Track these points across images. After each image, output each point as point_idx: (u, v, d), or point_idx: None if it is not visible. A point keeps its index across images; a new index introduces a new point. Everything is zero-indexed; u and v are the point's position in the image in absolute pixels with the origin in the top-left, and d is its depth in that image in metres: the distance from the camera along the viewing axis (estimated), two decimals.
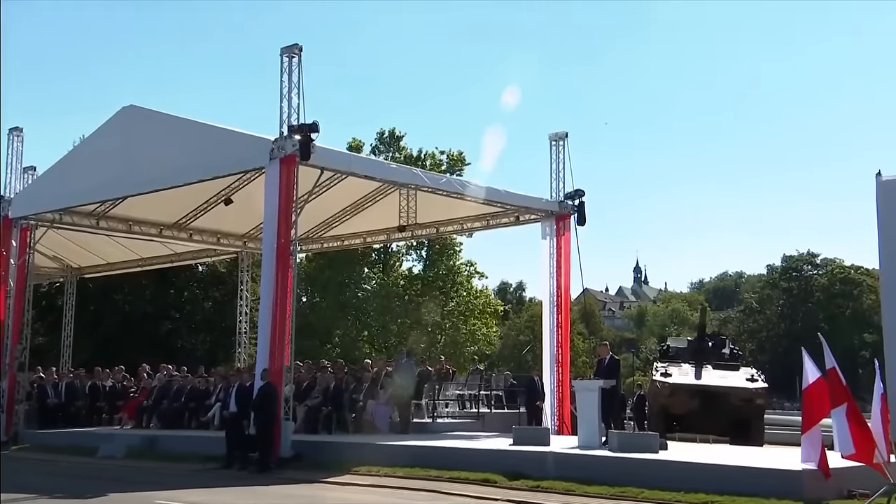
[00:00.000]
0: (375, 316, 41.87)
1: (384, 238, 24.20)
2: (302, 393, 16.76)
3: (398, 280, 42.70)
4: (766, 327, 71.90)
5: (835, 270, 70.66)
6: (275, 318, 14.52)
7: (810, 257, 73.46)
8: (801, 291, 71.74)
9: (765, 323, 72.53)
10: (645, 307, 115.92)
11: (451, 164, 41.68)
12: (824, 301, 68.62)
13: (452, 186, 18.08)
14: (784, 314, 72.52)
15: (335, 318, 41.43)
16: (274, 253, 14.76)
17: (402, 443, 14.11)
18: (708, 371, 20.29)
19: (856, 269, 70.40)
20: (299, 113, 14.88)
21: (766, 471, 10.33)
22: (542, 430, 14.84)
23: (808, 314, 70.06)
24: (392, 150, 42.19)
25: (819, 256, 73.43)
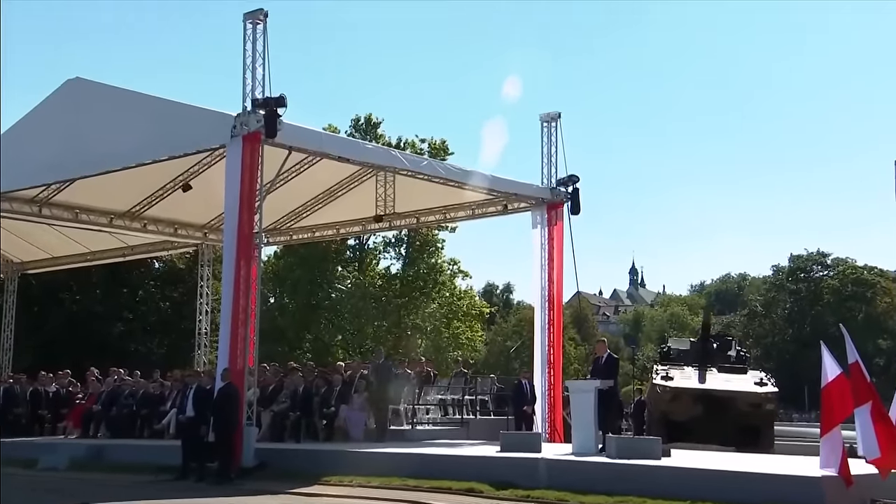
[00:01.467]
0: (350, 319, 41.70)
1: (359, 229, 24.01)
2: (268, 397, 16.56)
3: (375, 280, 42.55)
4: (771, 332, 72.22)
5: (846, 271, 71.05)
6: (237, 314, 14.25)
7: (820, 257, 73.82)
8: (809, 294, 72.12)
9: (770, 327, 72.86)
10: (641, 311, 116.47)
11: (433, 154, 41.47)
12: (835, 304, 68.97)
13: (434, 170, 17.82)
14: (791, 318, 72.86)
15: (306, 320, 41.28)
16: (236, 243, 14.46)
17: (377, 450, 13.92)
18: (713, 374, 20.29)
19: (869, 269, 70.87)
20: (264, 86, 14.56)
21: (782, 478, 10.10)
22: (532, 435, 14.76)
23: (817, 318, 70.37)
24: (368, 138, 41.89)
25: (830, 256, 73.87)
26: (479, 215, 21.04)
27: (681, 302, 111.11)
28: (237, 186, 14.52)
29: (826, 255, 73.92)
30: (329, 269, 41.87)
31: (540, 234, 19.60)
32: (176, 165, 18.46)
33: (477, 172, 18.47)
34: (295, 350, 38.93)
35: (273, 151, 15.32)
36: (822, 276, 73.39)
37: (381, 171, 19.24)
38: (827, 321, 69.09)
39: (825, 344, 10.34)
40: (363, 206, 21.33)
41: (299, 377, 17.27)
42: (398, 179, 19.98)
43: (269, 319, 40.40)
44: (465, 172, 18.23)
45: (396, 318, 41.24)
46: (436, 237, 42.66)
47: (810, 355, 68.71)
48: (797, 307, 72.57)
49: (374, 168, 18.97)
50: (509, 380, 21.48)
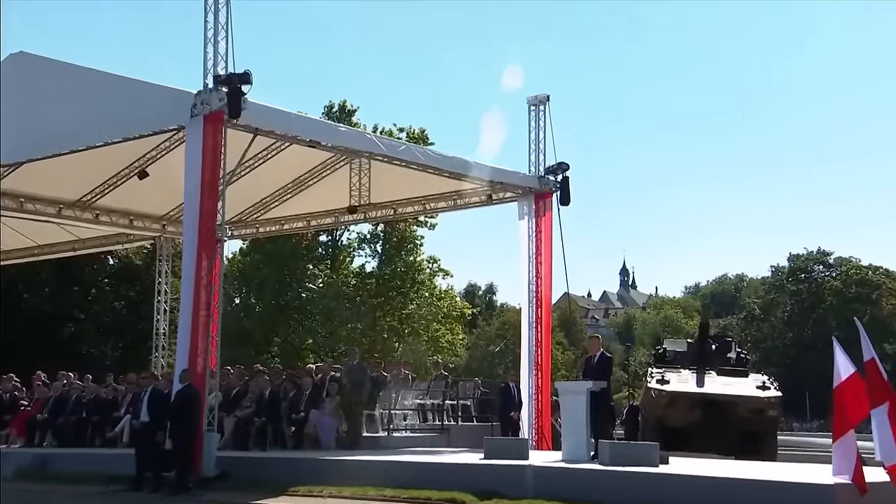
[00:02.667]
0: (322, 321, 41.59)
1: (332, 221, 23.85)
2: (231, 401, 16.46)
3: (348, 279, 42.47)
4: (770, 336, 72.54)
5: (850, 271, 71.45)
6: (197, 311, 14.06)
7: (821, 256, 74.24)
8: (810, 295, 72.50)
9: (769, 331, 73.19)
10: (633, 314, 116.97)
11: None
12: (837, 306, 69.28)
13: (413, 156, 17.67)
14: (791, 321, 73.21)
15: (274, 322, 41.11)
16: (196, 234, 14.25)
17: (350, 457, 13.76)
18: (711, 377, 20.16)
19: (874, 269, 71.29)
20: (227, 61, 14.28)
21: (790, 485, 9.93)
22: (519, 440, 14.54)
23: (819, 321, 70.68)
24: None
25: (832, 255, 74.27)
26: (462, 206, 20.94)
27: (674, 304, 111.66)
28: (198, 172, 14.29)
29: (827, 253, 74.36)
30: (299, 267, 41.70)
31: (527, 226, 19.52)
32: (131, 150, 18.15)
33: (459, 158, 18.33)
34: (262, 354, 38.67)
35: (237, 137, 15.12)
36: (824, 277, 73.80)
37: (356, 157, 19.05)
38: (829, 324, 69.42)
39: (837, 340, 10.15)
40: (336, 197, 21.18)
41: (265, 380, 17.11)
42: (374, 167, 19.80)
43: (234, 321, 40.13)
44: (446, 158, 18.10)
45: (371, 319, 41.14)
46: (414, 233, 42.59)
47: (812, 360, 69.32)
48: (798, 309, 72.91)
49: (348, 154, 18.79)
50: (494, 384, 21.33)
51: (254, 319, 41.48)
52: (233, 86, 14.01)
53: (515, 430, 17.36)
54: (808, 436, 50.74)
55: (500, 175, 18.99)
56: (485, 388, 20.77)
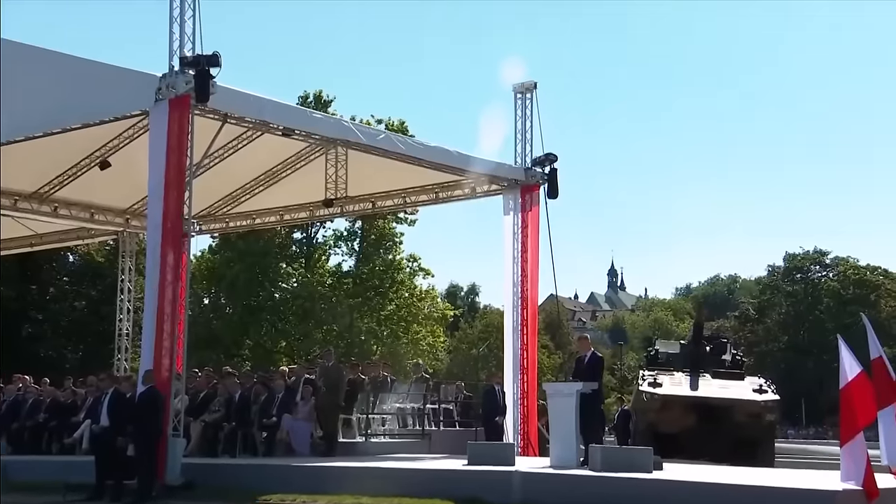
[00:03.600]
0: (296, 322, 41.56)
1: (306, 215, 23.67)
2: (198, 405, 16.29)
3: (324, 278, 42.44)
4: (765, 339, 72.99)
5: (848, 271, 72.03)
6: (162, 309, 13.87)
7: (818, 256, 74.80)
8: (806, 296, 72.95)
9: (764, 334, 73.63)
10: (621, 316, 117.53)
11: None
12: (835, 308, 69.83)
13: (392, 145, 17.52)
14: (786, 323, 73.70)
15: (245, 324, 41.06)
16: (161, 228, 14.07)
17: (326, 464, 13.73)
18: (706, 380, 20.34)
19: (872, 269, 71.85)
20: (195, 42, 14.07)
21: (795, 492, 9.89)
22: (504, 445, 14.43)
23: (816, 323, 71.24)
24: None
25: (829, 255, 74.81)
26: (444, 199, 20.84)
27: (665, 306, 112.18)
28: (162, 160, 14.09)
29: (824, 253, 74.96)
30: (272, 265, 41.62)
31: (512, 221, 19.43)
32: (91, 138, 17.93)
33: (441, 148, 18.22)
34: (232, 357, 38.63)
35: (205, 125, 14.96)
36: (821, 277, 74.25)
37: (332, 146, 18.89)
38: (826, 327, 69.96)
39: (842, 338, 10.09)
40: (311, 190, 21.09)
41: (235, 383, 16.89)
42: (351, 158, 19.69)
43: (203, 323, 40.07)
44: (427, 148, 18.04)
45: (348, 321, 41.10)
46: (393, 230, 42.51)
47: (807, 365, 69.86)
48: (793, 311, 73.41)
49: (324, 143, 18.64)
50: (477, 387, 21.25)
51: (224, 321, 41.46)
52: (200, 68, 13.79)
53: (500, 436, 17.22)
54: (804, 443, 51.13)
55: (484, 166, 18.85)
56: (468, 392, 20.70)
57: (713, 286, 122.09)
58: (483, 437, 16.93)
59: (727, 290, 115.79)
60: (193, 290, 37.85)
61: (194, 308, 38.22)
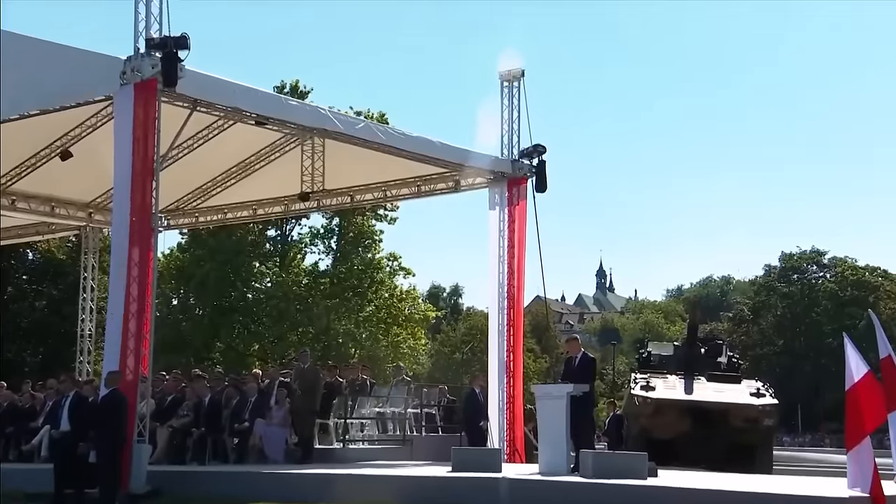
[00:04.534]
0: (269, 324, 41.33)
1: (281, 210, 23.54)
2: (165, 410, 16.30)
3: (299, 277, 42.21)
4: (760, 342, 73.32)
5: (846, 272, 72.43)
6: (128, 309, 13.78)
7: (815, 256, 75.17)
8: (803, 297, 73.27)
9: (759, 337, 73.95)
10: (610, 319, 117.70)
11: None
12: (832, 310, 70.16)
13: (372, 134, 17.40)
14: (782, 326, 74.01)
15: (216, 326, 40.78)
16: (128, 221, 13.93)
17: (301, 471, 13.65)
18: (701, 384, 20.34)
19: (871, 270, 72.26)
20: (161, 23, 13.96)
21: (798, 499, 9.86)
22: (491, 451, 14.46)
23: (813, 326, 71.48)
24: None
25: (826, 255, 75.22)
26: (427, 193, 20.77)
27: (655, 308, 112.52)
28: (128, 149, 13.97)
29: (822, 253, 75.40)
30: (244, 264, 41.32)
31: (498, 217, 19.40)
32: (51, 126, 17.78)
33: (423, 138, 18.12)
34: (202, 361, 38.25)
35: (173, 113, 14.84)
36: (818, 278, 74.61)
37: (308, 135, 18.81)
38: (823, 330, 70.37)
39: (848, 336, 10.03)
40: (286, 183, 21.04)
41: (205, 386, 16.85)
42: (329, 149, 19.65)
43: (171, 325, 39.79)
44: (409, 138, 17.92)
45: (325, 323, 40.88)
46: (372, 228, 42.36)
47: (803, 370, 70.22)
48: (789, 313, 73.71)
49: (300, 133, 18.55)
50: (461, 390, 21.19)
51: (193, 323, 41.18)
52: (168, 50, 13.69)
53: (484, 442, 17.24)
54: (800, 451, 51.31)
55: (469, 158, 18.76)
56: (451, 396, 20.64)
57: (706, 288, 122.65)
58: (467, 443, 16.88)
59: (720, 292, 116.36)
60: (161, 290, 37.62)
61: (162, 309, 37.92)
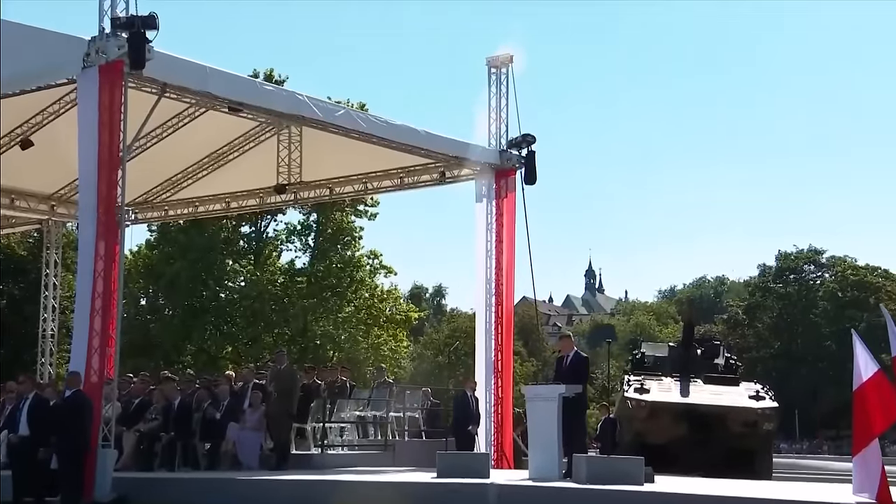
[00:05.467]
0: (243, 325, 41.09)
1: (256, 203, 23.53)
2: (132, 413, 16.27)
3: (275, 276, 41.99)
4: (755, 345, 73.53)
5: (846, 272, 72.66)
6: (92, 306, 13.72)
7: (813, 255, 75.42)
8: (800, 298, 73.52)
9: (755, 340, 74.17)
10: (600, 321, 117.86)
11: None
12: (832, 311, 70.40)
13: (353, 122, 17.41)
14: (779, 328, 74.26)
15: (187, 327, 40.48)
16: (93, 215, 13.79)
17: (277, 477, 13.72)
18: (698, 386, 20.36)
19: (872, 270, 72.52)
20: (128, 2, 13.83)
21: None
22: (478, 455, 14.48)
23: (811, 328, 71.64)
24: None
25: (824, 254, 75.47)
26: (410, 185, 20.79)
27: (647, 310, 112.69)
28: (94, 136, 13.85)
29: (820, 252, 75.64)
30: (217, 262, 41.06)
31: (486, 210, 19.44)
32: (10, 113, 17.45)
33: (407, 126, 18.10)
34: (172, 365, 37.93)
35: (141, 99, 14.77)
36: (816, 278, 74.89)
37: (285, 123, 18.80)
38: (821, 332, 70.60)
39: (857, 333, 9.97)
40: (261, 174, 21.07)
41: (174, 388, 16.82)
42: (306, 139, 19.66)
43: (139, 326, 39.57)
44: (392, 126, 17.88)
45: (302, 324, 40.68)
46: (351, 224, 42.19)
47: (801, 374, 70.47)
48: (786, 315, 73.95)
49: (276, 121, 18.54)
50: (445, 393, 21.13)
51: (162, 324, 40.82)
52: (135, 30, 13.58)
53: (472, 446, 17.23)
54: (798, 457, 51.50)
55: (455, 147, 18.77)
56: (435, 399, 20.63)
57: (699, 288, 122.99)
58: (453, 448, 16.89)
59: (714, 293, 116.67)
60: (129, 290, 37.37)
61: (129, 309, 37.72)
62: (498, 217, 19.15)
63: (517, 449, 18.52)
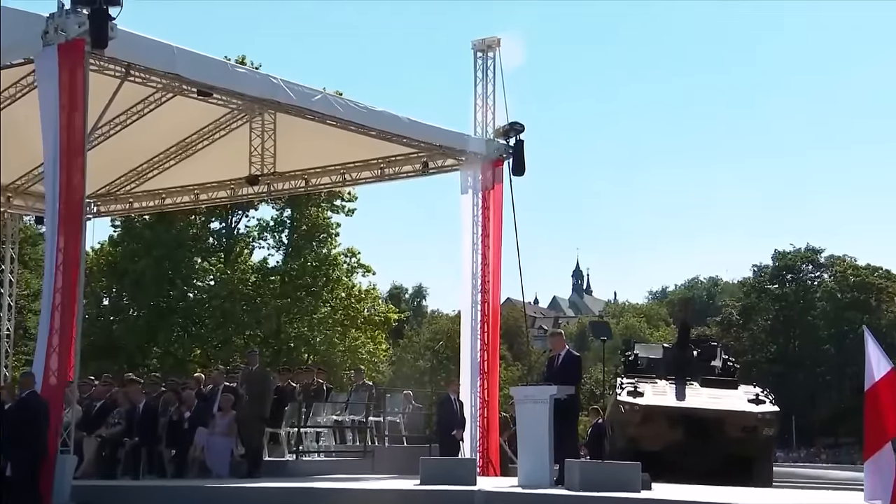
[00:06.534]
0: (213, 327, 41.01)
1: (227, 195, 23.40)
2: (94, 417, 16.20)
3: (247, 275, 41.85)
4: (751, 349, 73.83)
5: (846, 272, 73.00)
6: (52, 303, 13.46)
7: (811, 254, 75.76)
8: (797, 300, 73.83)
9: (750, 343, 74.48)
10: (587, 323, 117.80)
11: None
12: (831, 313, 70.73)
13: (331, 108, 17.19)
14: (775, 330, 74.58)
15: (152, 329, 40.40)
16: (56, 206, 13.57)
17: (249, 485, 13.59)
18: (694, 389, 20.39)
19: (873, 270, 72.83)
20: None
21: None
22: (464, 461, 14.46)
23: (809, 331, 71.86)
24: None
25: (823, 253, 75.82)
26: (391, 176, 20.66)
27: (637, 312, 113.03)
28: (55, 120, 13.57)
29: (818, 251, 75.95)
30: (185, 260, 40.96)
31: (472, 202, 19.35)
32: None
33: (388, 113, 17.91)
34: (137, 368, 37.64)
35: (103, 83, 14.62)
36: (814, 279, 75.20)
37: (258, 110, 18.77)
38: (820, 335, 70.96)
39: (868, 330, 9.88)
40: (232, 164, 21.03)
41: (139, 391, 16.72)
42: (280, 127, 19.62)
43: (102, 327, 39.39)
44: (372, 113, 17.70)
45: (275, 325, 40.65)
46: (328, 220, 42.06)
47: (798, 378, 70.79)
48: (783, 317, 74.20)
49: (248, 106, 18.40)
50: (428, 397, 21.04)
51: (126, 325, 40.63)
52: (96, 7, 13.31)
53: (457, 452, 17.11)
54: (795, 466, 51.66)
55: (439, 136, 18.61)
56: (417, 403, 20.57)
57: (692, 290, 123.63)
58: (437, 455, 16.79)
59: (707, 295, 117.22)
60: (91, 289, 37.07)
61: (92, 309, 37.44)
62: (484, 210, 19.07)
63: (504, 455, 18.45)
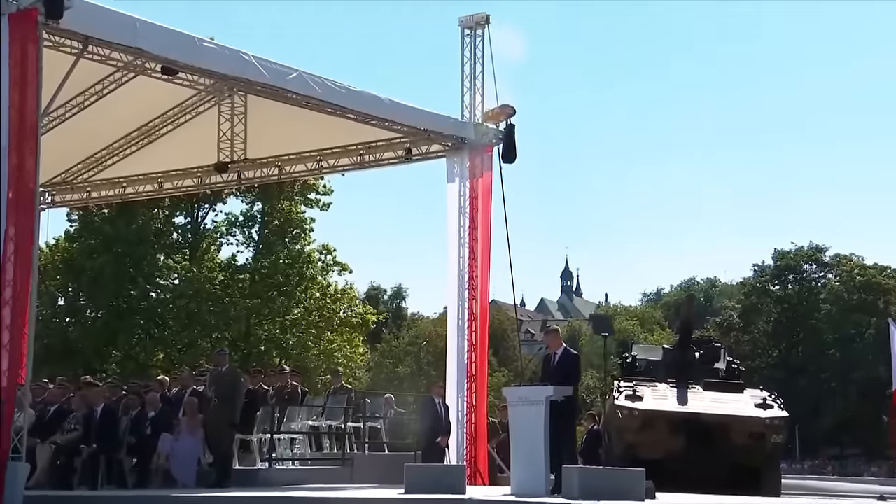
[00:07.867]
0: (177, 329, 41.07)
1: (193, 183, 23.40)
2: (48, 422, 16.14)
3: (214, 273, 41.87)
4: (752, 353, 74.05)
5: (852, 272, 73.55)
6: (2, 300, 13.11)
7: (814, 252, 76.15)
8: (800, 301, 74.19)
9: (750, 347, 74.82)
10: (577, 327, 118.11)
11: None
12: (836, 315, 71.08)
13: (308, 88, 17.03)
14: (777, 334, 74.97)
15: (112, 331, 40.31)
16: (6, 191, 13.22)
17: (218, 494, 13.65)
18: (697, 393, 20.35)
19: (881, 270, 73.36)
20: None
21: None
22: (452, 468, 14.60)
23: (812, 334, 72.13)
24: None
25: (827, 251, 76.30)
26: (372, 163, 20.65)
27: (631, 315, 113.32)
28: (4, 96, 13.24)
29: (822, 249, 76.38)
30: (147, 257, 40.97)
31: (458, 191, 19.38)
32: None
33: (369, 94, 17.82)
34: (95, 373, 37.41)
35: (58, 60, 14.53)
36: (818, 279, 75.58)
37: (227, 91, 18.85)
38: (824, 339, 71.27)
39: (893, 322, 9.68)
40: (199, 150, 21.16)
41: (97, 394, 16.75)
42: (252, 109, 19.73)
43: (57, 329, 39.29)
44: (352, 93, 17.62)
45: (244, 327, 40.69)
46: (301, 215, 42.08)
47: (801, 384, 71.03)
48: (785, 319, 74.60)
49: (216, 87, 18.58)
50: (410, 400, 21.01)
51: (84, 327, 40.56)
52: None
53: (442, 460, 17.14)
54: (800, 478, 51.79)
55: (424, 119, 18.57)
56: (399, 408, 20.52)
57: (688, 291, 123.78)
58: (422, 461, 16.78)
59: (705, 297, 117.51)
60: (45, 288, 36.81)
61: (46, 310, 37.21)
62: (472, 199, 19.07)
63: (492, 464, 18.42)
